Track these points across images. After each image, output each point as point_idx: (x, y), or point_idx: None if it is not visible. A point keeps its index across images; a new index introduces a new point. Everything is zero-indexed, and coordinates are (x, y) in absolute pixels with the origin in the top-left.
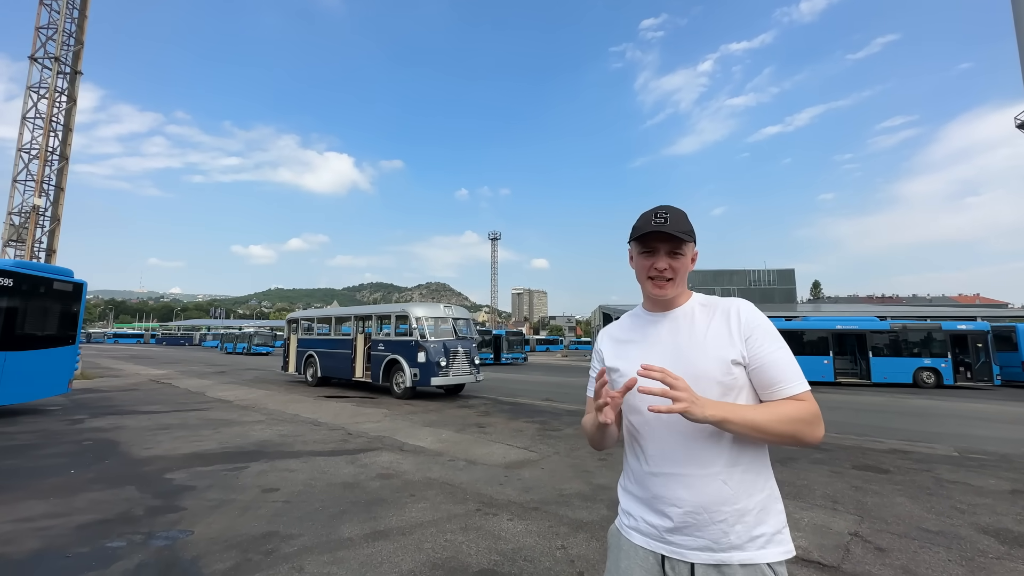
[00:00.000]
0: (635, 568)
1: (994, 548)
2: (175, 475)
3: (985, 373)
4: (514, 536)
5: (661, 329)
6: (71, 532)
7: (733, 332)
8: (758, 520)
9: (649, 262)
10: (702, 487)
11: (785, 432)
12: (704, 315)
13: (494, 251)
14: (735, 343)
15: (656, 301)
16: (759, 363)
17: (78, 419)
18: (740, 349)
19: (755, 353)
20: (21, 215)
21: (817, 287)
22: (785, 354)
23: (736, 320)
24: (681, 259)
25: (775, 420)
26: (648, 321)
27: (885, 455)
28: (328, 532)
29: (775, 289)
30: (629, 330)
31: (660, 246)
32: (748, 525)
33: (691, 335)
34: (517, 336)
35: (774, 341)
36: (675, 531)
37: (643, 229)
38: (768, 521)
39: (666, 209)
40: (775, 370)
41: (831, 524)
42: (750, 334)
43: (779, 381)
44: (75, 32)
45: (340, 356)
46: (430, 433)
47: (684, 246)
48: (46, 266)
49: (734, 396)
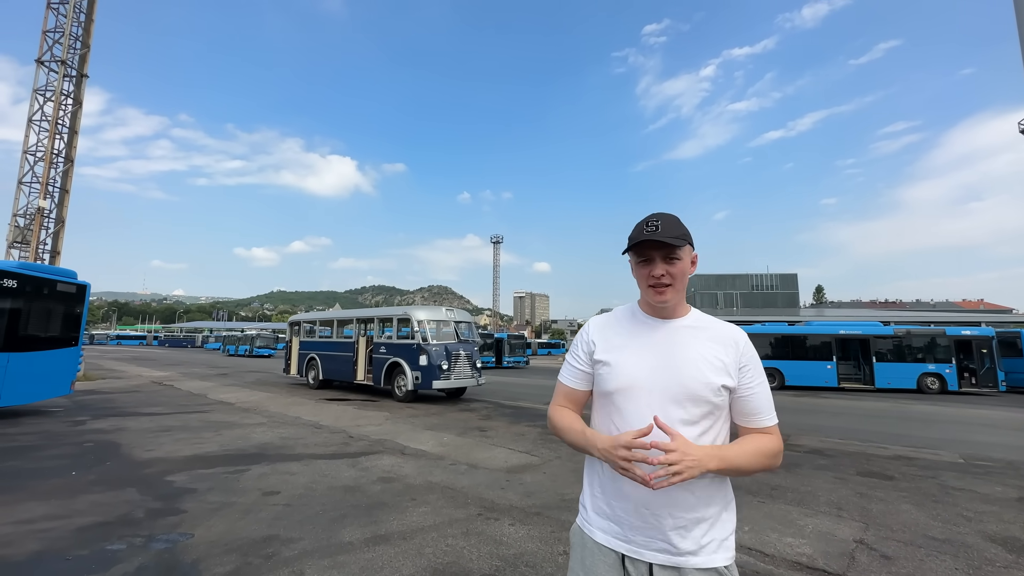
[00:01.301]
0: (599, 564)
1: (1002, 557)
2: (176, 477)
3: (990, 379)
4: (516, 541)
5: (658, 337)
6: (71, 534)
7: (730, 359)
8: (712, 526)
9: (647, 270)
10: (668, 491)
11: (755, 468)
12: (704, 335)
13: (496, 254)
14: (729, 370)
15: (656, 308)
16: (747, 393)
17: (80, 421)
18: (734, 377)
19: (746, 383)
20: (26, 217)
21: (820, 292)
22: (767, 387)
23: (735, 349)
24: (678, 264)
25: (753, 459)
26: (646, 325)
27: (890, 461)
28: (329, 536)
29: (778, 294)
30: (625, 327)
31: (655, 253)
32: (703, 530)
33: (686, 352)
34: (519, 339)
35: (761, 374)
36: (636, 530)
37: (636, 238)
38: (721, 526)
39: (657, 217)
40: (757, 402)
41: (836, 531)
42: (745, 364)
43: (759, 412)
44: (81, 35)
45: (342, 359)
46: (431, 437)
47: (679, 251)
48: (50, 268)
49: (715, 417)
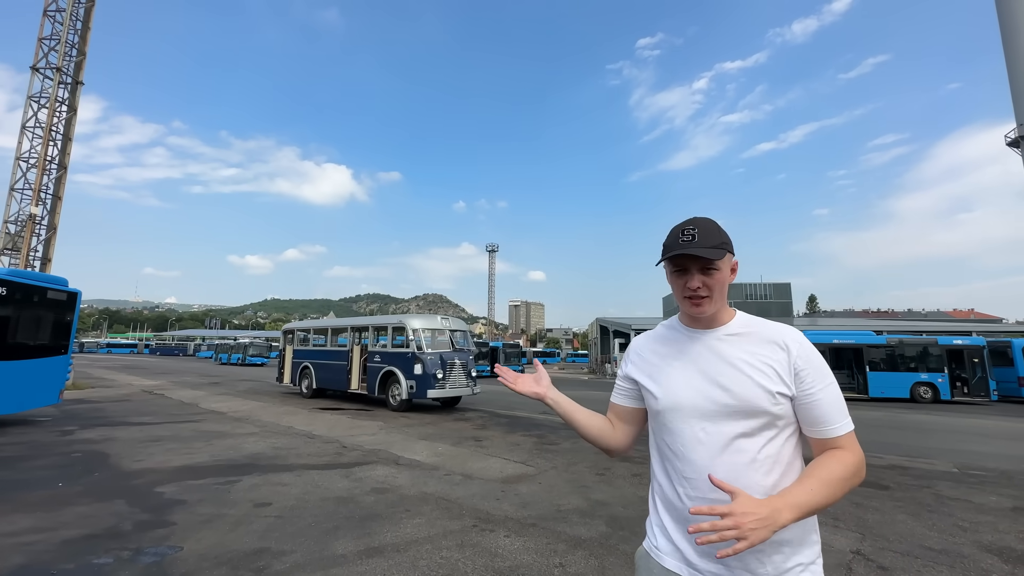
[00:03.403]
0: None
1: (997, 567)
2: (165, 489)
3: (982, 388)
4: (511, 553)
5: (700, 348)
6: (56, 547)
7: (782, 363)
8: (794, 551)
9: (682, 281)
10: None
11: (841, 494)
12: (751, 340)
13: (491, 263)
14: (783, 375)
15: (696, 318)
16: (809, 400)
17: (68, 430)
18: (790, 383)
19: (806, 389)
20: (17, 223)
21: (813, 301)
22: (834, 391)
23: (786, 351)
24: (716, 274)
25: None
26: (686, 336)
27: (885, 471)
28: (321, 548)
29: (771, 303)
30: (664, 343)
31: (691, 264)
32: (785, 555)
33: (736, 360)
34: (514, 348)
35: (825, 377)
36: (707, 558)
37: (671, 249)
38: (803, 552)
39: (694, 224)
40: (824, 409)
41: (832, 542)
42: (802, 368)
43: (827, 421)
44: (78, 43)
45: (336, 368)
46: (426, 447)
47: (718, 261)
48: (40, 275)
49: (777, 428)
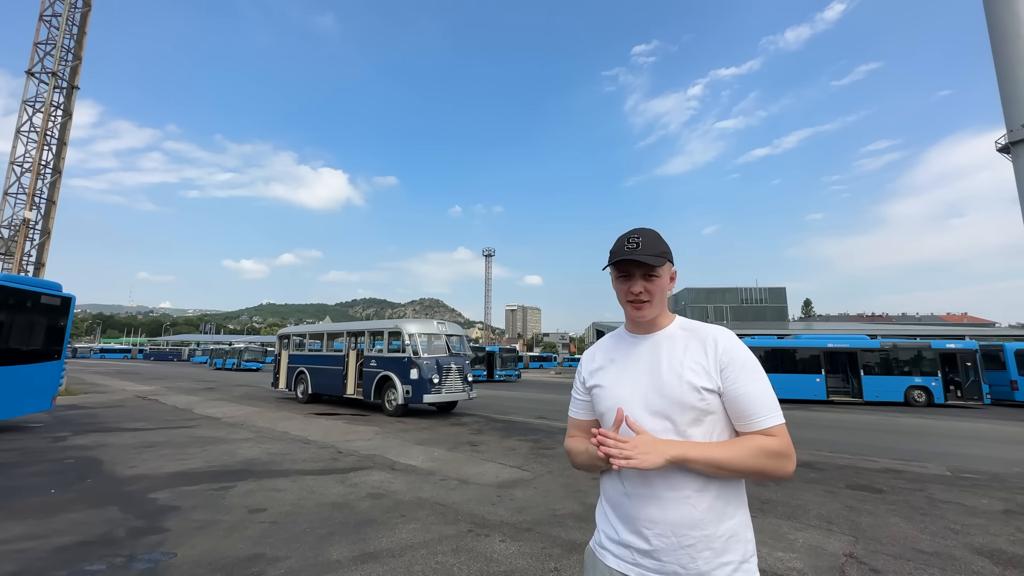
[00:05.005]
0: None
1: (989, 570)
2: (159, 495)
3: (975, 392)
4: (507, 558)
5: (641, 351)
6: (49, 555)
7: (710, 360)
8: (725, 548)
9: (626, 286)
10: (673, 509)
11: (750, 468)
12: (683, 340)
13: (488, 267)
14: (710, 372)
15: (638, 323)
16: (733, 394)
17: (61, 436)
18: (715, 378)
19: (730, 384)
20: (11, 228)
21: (808, 305)
22: (761, 386)
23: (713, 349)
24: (657, 281)
25: (739, 456)
26: (630, 343)
27: (878, 474)
28: (316, 554)
29: (767, 307)
30: (611, 350)
31: (635, 270)
32: (715, 552)
33: (669, 359)
34: (510, 353)
35: (751, 373)
36: (646, 554)
37: (616, 255)
38: (735, 549)
39: (638, 233)
40: (749, 402)
41: (826, 545)
42: (726, 364)
43: (752, 414)
44: (74, 48)
45: (331, 372)
46: (422, 451)
47: (659, 268)
48: (33, 279)
49: (711, 423)
